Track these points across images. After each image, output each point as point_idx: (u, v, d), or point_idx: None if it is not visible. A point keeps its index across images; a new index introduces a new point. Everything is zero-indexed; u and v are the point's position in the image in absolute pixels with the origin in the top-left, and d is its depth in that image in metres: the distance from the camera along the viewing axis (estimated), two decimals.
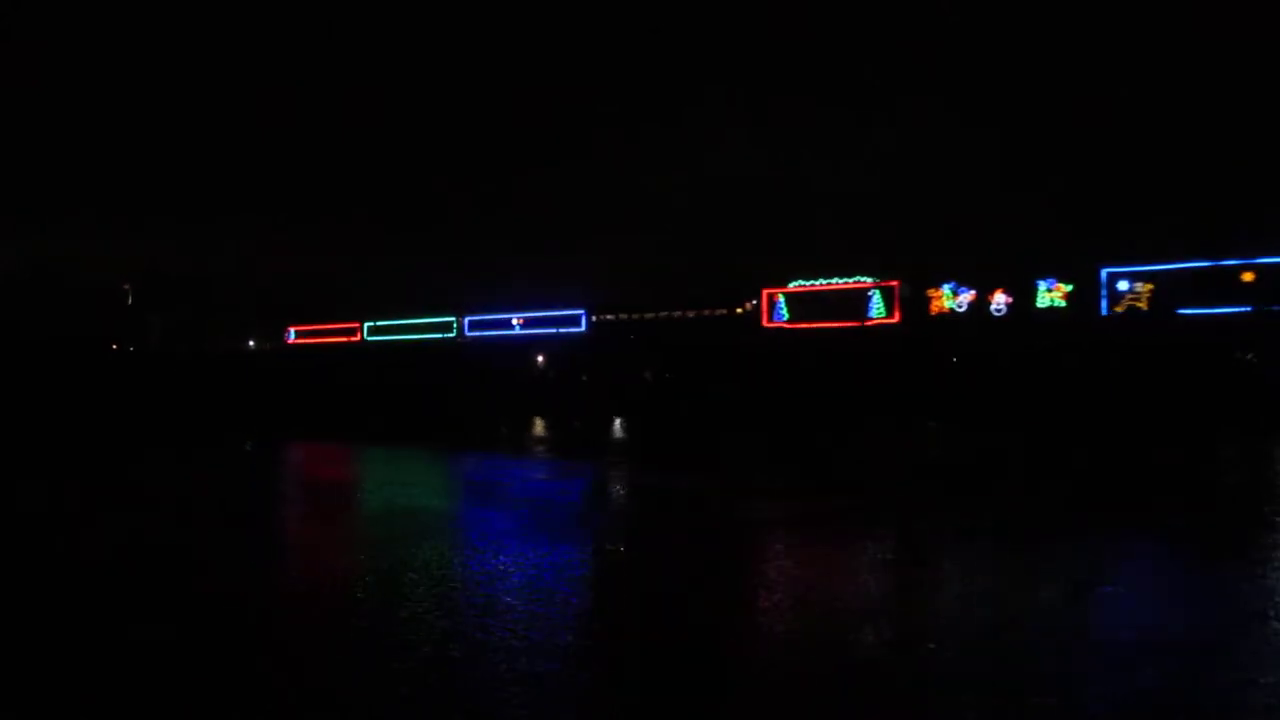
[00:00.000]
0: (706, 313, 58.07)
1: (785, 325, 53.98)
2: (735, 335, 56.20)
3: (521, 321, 68.56)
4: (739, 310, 56.43)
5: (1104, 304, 43.44)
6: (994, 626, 10.70)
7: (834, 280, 52.33)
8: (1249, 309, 40.19)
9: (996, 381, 46.87)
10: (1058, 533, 16.64)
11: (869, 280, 50.98)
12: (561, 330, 65.57)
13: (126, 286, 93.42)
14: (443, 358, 73.04)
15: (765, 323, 54.71)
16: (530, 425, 47.88)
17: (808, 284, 53.30)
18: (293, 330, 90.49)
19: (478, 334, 72.11)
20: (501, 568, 13.72)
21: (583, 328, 64.46)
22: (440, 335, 74.29)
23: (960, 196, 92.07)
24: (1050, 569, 13.77)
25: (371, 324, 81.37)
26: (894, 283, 49.94)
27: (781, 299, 54.14)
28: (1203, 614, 11.19)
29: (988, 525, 17.35)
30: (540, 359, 70.88)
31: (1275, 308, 39.43)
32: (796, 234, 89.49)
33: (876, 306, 50.32)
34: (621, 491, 24.45)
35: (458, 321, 73.19)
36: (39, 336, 79.69)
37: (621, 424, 47.82)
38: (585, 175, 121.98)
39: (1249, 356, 44.59)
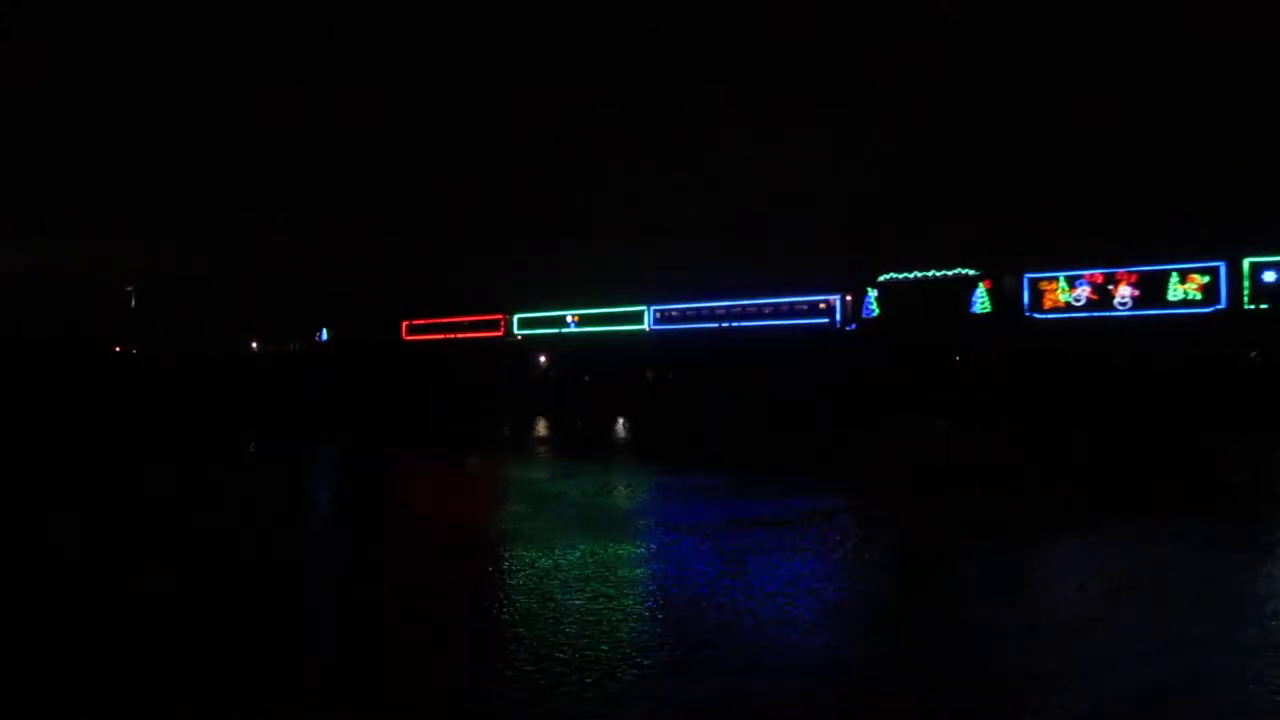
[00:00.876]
0: (785, 307, 54.52)
1: (875, 320, 50.41)
2: (817, 331, 52.72)
3: (577, 319, 64.99)
4: (821, 305, 52.89)
5: (1246, 296, 39.87)
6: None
7: (931, 272, 48.79)
8: None
9: (1112, 381, 43.29)
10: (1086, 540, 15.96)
11: (972, 272, 47.42)
12: (623, 328, 61.97)
13: (130, 288, 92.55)
14: (488, 357, 69.54)
15: (853, 317, 51.18)
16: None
17: (901, 276, 49.76)
18: (324, 330, 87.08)
19: (528, 332, 68.55)
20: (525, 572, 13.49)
21: (646, 325, 60.90)
22: (487, 334, 70.77)
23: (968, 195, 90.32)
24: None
25: (409, 323, 77.94)
26: (1001, 274, 46.38)
27: (871, 293, 50.59)
28: None
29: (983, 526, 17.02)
30: (543, 359, 68.23)
31: None
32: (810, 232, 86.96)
33: (980, 300, 46.76)
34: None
35: (506, 319, 69.68)
36: (41, 337, 78.13)
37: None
38: (585, 175, 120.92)
39: (1253, 355, 42.33)
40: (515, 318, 69.09)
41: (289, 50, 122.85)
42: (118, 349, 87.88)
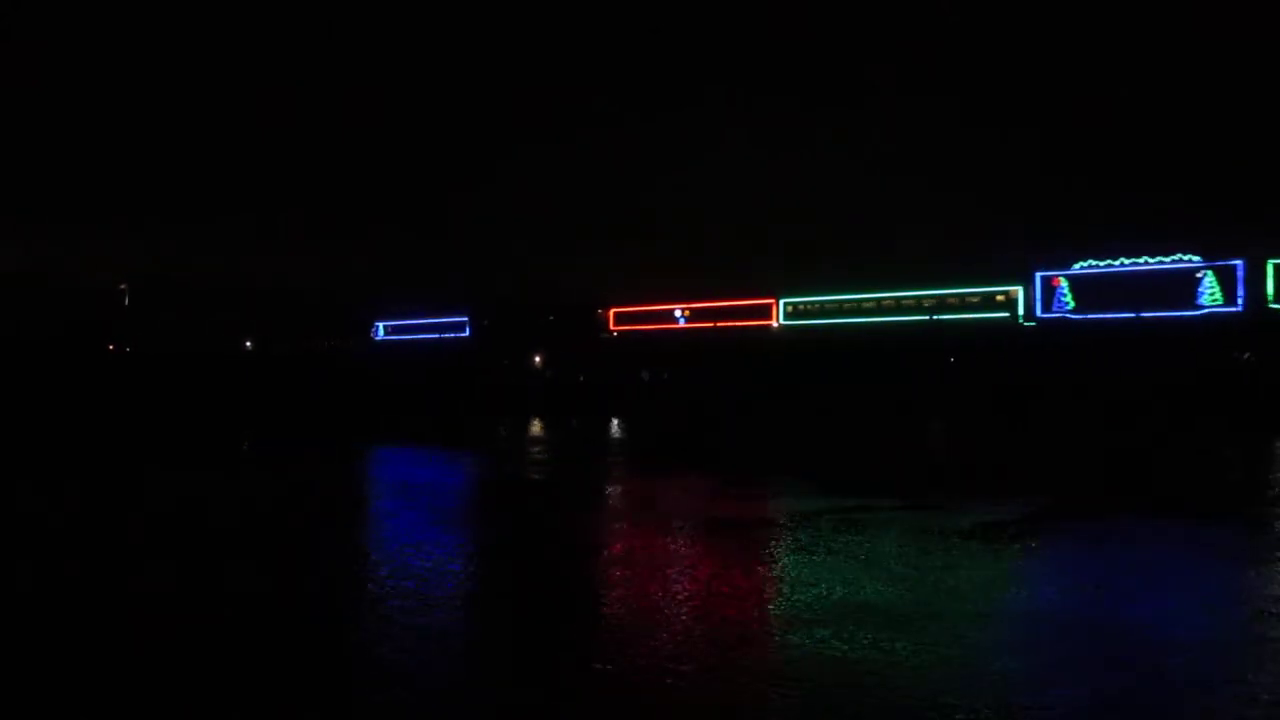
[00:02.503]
0: (955, 299, 48.02)
1: (1069, 315, 43.96)
2: (993, 326, 46.28)
3: (687, 313, 58.40)
4: (999, 298, 46.46)
5: None
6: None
7: (1144, 260, 42.42)
8: None
9: None
10: None
11: (1195, 258, 41.08)
12: (745, 323, 55.38)
13: (123, 287, 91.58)
14: (580, 356, 62.90)
15: (1043, 311, 44.73)
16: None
17: (1103, 265, 43.39)
18: (380, 326, 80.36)
19: (628, 328, 61.90)
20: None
21: (775, 320, 54.34)
22: (582, 329, 63.99)
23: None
24: None
25: (488, 321, 71.19)
26: (1235, 261, 40.06)
27: (1065, 283, 44.17)
28: None
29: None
30: (538, 359, 63.54)
31: None
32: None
33: (1209, 291, 40.40)
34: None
35: (602, 315, 63.01)
36: (37, 337, 75.47)
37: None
38: (584, 174, 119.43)
39: (1246, 356, 40.36)
40: (612, 313, 62.47)
41: (289, 51, 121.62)
42: (112, 348, 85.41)
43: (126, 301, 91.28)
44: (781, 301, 54.15)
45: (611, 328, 62.52)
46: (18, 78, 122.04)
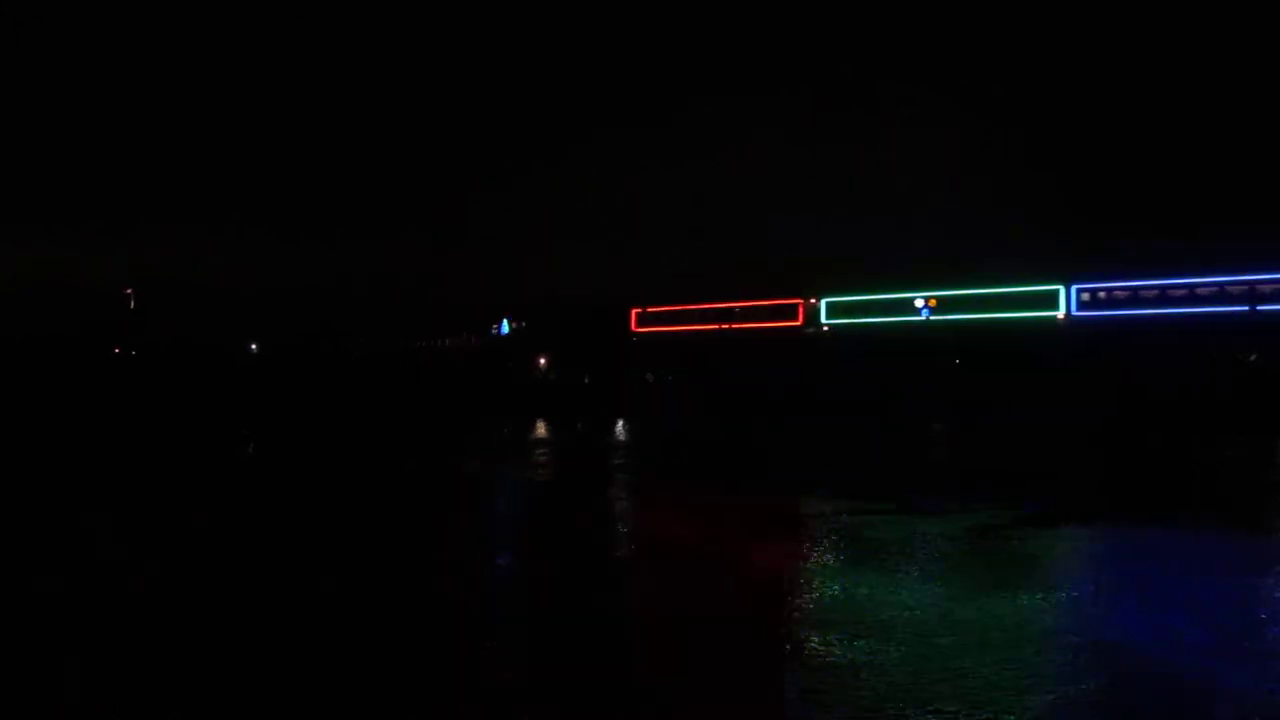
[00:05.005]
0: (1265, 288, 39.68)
1: None
2: None
3: (933, 303, 49.65)
4: None
5: None
6: None
7: None
8: None
9: None
10: None
11: None
12: (1017, 315, 46.67)
13: (128, 290, 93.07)
14: (786, 355, 53.80)
15: None
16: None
17: None
18: (505, 322, 70.95)
19: (841, 321, 53.12)
20: None
21: (1060, 310, 45.72)
22: (775, 323, 55.13)
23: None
24: None
25: (640, 311, 62.15)
26: None
27: None
28: None
29: None
30: (543, 361, 59.98)
31: None
32: None
33: None
34: None
35: (807, 306, 54.19)
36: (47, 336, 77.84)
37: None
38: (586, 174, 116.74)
39: (1251, 358, 40.19)
40: (823, 303, 53.61)
41: (290, 52, 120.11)
42: (116, 350, 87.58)
43: (132, 305, 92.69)
44: (1072, 288, 45.52)
45: (822, 321, 53.70)
46: (22, 80, 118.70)
